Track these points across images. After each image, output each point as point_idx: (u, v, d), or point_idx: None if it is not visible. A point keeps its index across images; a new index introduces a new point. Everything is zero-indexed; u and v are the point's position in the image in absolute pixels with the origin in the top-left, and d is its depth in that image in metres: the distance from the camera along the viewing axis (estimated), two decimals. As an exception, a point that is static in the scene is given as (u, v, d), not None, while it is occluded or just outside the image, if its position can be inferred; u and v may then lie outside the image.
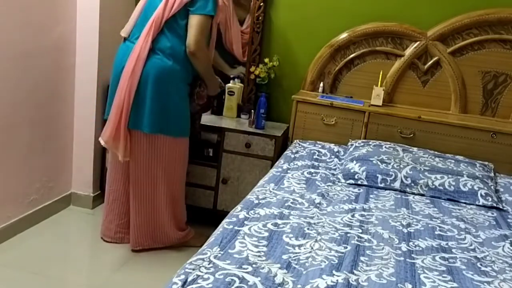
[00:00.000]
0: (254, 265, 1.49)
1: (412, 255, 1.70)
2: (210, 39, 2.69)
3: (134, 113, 2.51)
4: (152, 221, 2.70)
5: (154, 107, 2.50)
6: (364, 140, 2.82)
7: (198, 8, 2.47)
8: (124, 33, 2.63)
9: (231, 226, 1.75)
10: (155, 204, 2.68)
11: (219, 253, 1.55)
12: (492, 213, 2.22)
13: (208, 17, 2.51)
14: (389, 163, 2.47)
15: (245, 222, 1.80)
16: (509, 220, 2.16)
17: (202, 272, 1.42)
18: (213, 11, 2.51)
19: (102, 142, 2.57)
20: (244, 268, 1.46)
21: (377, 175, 2.42)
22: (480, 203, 2.30)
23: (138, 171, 2.62)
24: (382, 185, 2.40)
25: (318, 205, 2.07)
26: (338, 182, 2.43)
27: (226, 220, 1.83)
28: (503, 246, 1.86)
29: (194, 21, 2.48)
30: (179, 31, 2.52)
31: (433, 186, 2.37)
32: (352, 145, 2.78)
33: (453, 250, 1.77)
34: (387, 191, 2.37)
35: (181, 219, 2.82)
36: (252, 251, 1.58)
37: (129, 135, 2.55)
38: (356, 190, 2.35)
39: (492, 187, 2.42)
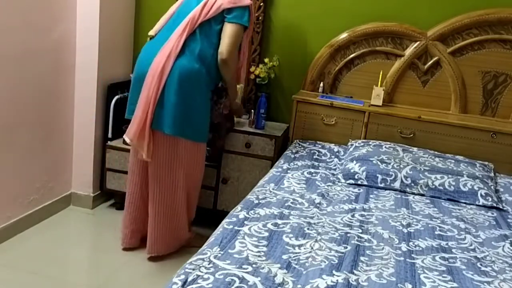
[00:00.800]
0: (254, 265, 1.49)
1: (412, 255, 1.70)
2: (240, 52, 2.67)
3: (157, 112, 2.44)
4: (170, 225, 2.62)
5: (178, 108, 2.43)
6: (364, 140, 2.82)
7: (235, 16, 2.47)
8: (153, 32, 2.61)
9: (231, 226, 1.75)
10: (174, 207, 2.61)
11: (219, 253, 1.55)
12: (492, 213, 2.22)
13: (243, 27, 2.52)
14: (389, 163, 2.47)
15: (245, 222, 1.80)
16: (509, 220, 2.16)
17: (202, 272, 1.42)
18: (248, 22, 2.52)
19: (128, 140, 2.49)
20: (244, 268, 1.46)
21: (377, 175, 2.42)
22: (480, 203, 2.30)
23: (158, 173, 2.54)
24: (382, 185, 2.40)
25: (318, 205, 2.07)
26: (338, 182, 2.43)
27: (226, 220, 1.83)
28: (503, 246, 1.86)
29: (230, 29, 2.48)
30: (211, 36, 2.50)
31: (433, 186, 2.37)
32: (352, 145, 2.78)
33: (453, 250, 1.77)
34: (387, 191, 2.37)
35: (191, 221, 2.81)
36: (252, 251, 1.58)
37: (152, 135, 2.49)
38: (356, 190, 2.35)
39: (492, 187, 2.42)
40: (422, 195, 2.37)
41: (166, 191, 2.57)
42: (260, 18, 3.11)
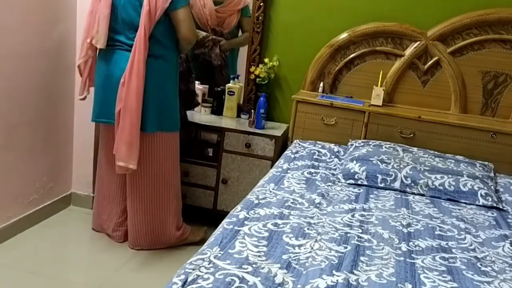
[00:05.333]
0: (254, 265, 1.49)
1: (412, 255, 1.70)
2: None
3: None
4: (152, 221, 2.71)
5: (154, 107, 2.55)
6: (364, 140, 2.82)
7: (176, 4, 2.48)
8: (101, 45, 2.54)
9: (231, 226, 1.75)
10: (157, 203, 2.69)
11: (219, 253, 1.55)
12: (492, 213, 2.22)
13: (188, 5, 2.56)
14: (389, 163, 2.47)
15: (245, 222, 1.80)
16: (509, 220, 2.16)
17: (202, 272, 1.42)
18: None
19: (132, 166, 2.49)
20: (244, 268, 1.46)
21: (377, 175, 2.42)
22: (480, 203, 2.30)
23: (140, 172, 2.62)
24: (382, 185, 2.40)
25: (318, 205, 2.07)
26: (338, 182, 2.43)
27: (226, 220, 1.83)
28: (503, 246, 1.86)
29: (180, 15, 2.51)
30: (160, 32, 2.53)
31: (433, 186, 2.37)
32: (352, 145, 2.78)
33: (453, 250, 1.77)
34: (387, 191, 2.37)
35: (179, 217, 2.83)
36: (252, 251, 1.58)
37: None
38: (356, 190, 2.35)
39: (492, 187, 2.42)
40: (422, 195, 2.37)
41: (145, 187, 2.66)
42: (260, 18, 3.11)
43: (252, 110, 3.06)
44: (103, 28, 2.52)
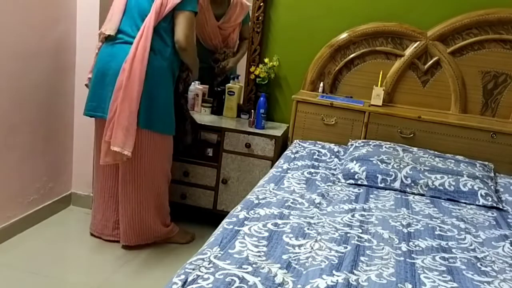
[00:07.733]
0: (254, 265, 1.49)
1: (412, 255, 1.70)
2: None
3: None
4: (137, 217, 2.71)
5: (146, 103, 2.53)
6: (364, 140, 2.82)
7: (185, 4, 2.52)
8: (111, 31, 2.57)
9: (231, 226, 1.75)
10: (141, 201, 2.69)
11: (219, 253, 1.55)
12: (492, 213, 2.22)
13: (194, 13, 2.60)
14: (389, 163, 2.47)
15: (245, 222, 1.80)
16: (509, 220, 2.16)
17: (202, 272, 1.42)
18: (197, 8, 2.62)
19: (128, 153, 2.49)
20: (244, 268, 1.46)
21: (377, 175, 2.42)
22: (480, 203, 2.30)
23: (128, 168, 2.63)
24: (382, 185, 2.40)
25: (318, 205, 2.07)
26: (338, 182, 2.43)
27: (226, 220, 1.83)
28: (503, 246, 1.86)
29: (183, 17, 2.54)
30: (167, 30, 2.57)
31: (433, 186, 2.37)
32: (352, 145, 2.78)
33: (453, 250, 1.77)
34: (387, 191, 2.37)
35: (166, 215, 2.83)
36: (252, 251, 1.58)
37: None
38: (356, 190, 2.35)
39: (492, 187, 2.42)
40: (422, 195, 2.37)
41: (130, 182, 2.65)
42: (260, 18, 3.11)
43: (252, 110, 3.06)
44: (116, 18, 2.57)
